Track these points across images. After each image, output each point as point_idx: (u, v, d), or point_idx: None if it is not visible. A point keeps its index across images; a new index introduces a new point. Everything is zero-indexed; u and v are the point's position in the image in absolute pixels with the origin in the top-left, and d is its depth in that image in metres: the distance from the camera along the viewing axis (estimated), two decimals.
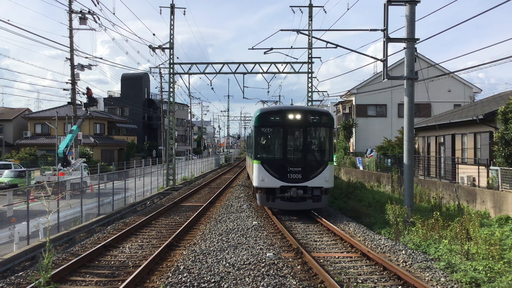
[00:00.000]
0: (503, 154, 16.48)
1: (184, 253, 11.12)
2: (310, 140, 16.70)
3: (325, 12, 31.94)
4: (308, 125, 16.37)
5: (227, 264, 9.74)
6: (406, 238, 12.77)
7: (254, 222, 14.97)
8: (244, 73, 30.54)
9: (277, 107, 20.35)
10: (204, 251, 11.04)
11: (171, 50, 31.30)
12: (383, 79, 15.70)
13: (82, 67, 28.37)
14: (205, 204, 20.08)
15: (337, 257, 10.83)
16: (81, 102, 30.27)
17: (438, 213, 13.66)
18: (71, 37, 28.17)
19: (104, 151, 53.05)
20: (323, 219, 15.28)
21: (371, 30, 16.54)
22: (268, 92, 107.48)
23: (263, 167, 16.01)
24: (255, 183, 16.48)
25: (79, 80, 28.76)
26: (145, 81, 72.92)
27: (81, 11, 27.38)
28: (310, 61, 30.66)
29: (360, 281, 8.79)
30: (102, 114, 53.24)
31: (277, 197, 15.87)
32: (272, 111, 17.26)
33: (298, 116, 16.29)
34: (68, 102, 30.89)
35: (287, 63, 30.20)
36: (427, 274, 9.17)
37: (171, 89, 32.40)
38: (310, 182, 15.85)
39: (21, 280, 9.19)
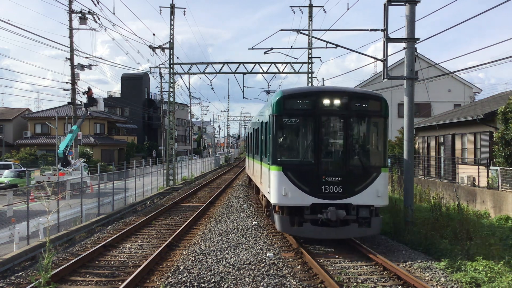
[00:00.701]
0: (503, 154, 16.50)
1: (184, 253, 11.12)
2: (356, 136, 11.98)
3: (325, 12, 31.96)
4: (352, 114, 11.59)
5: (227, 264, 9.74)
6: (406, 238, 12.76)
7: (254, 222, 14.96)
8: (244, 73, 30.56)
9: (307, 88, 13.79)
10: (204, 251, 11.05)
11: (171, 50, 31.32)
12: (383, 79, 15.69)
13: (82, 67, 28.39)
14: (205, 204, 20.09)
15: (337, 257, 10.83)
16: (81, 102, 30.29)
17: (439, 213, 13.66)
18: (71, 37, 28.19)
19: (104, 151, 53.07)
20: None
21: (371, 30, 16.53)
22: (268, 92, 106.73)
23: (286, 176, 11.21)
24: (273, 198, 11.52)
25: (79, 80, 28.78)
26: (145, 81, 72.99)
27: (81, 11, 27.41)
28: (310, 61, 30.66)
29: (360, 281, 8.79)
30: (102, 114, 53.27)
31: (306, 220, 11.14)
32: (300, 93, 12.34)
33: (338, 101, 11.54)
34: (68, 102, 30.91)
35: (287, 63, 30.23)
36: (427, 274, 9.17)
37: (171, 89, 32.43)
38: (355, 198, 11.18)
39: (21, 280, 9.20)
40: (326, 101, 11.55)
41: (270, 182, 11.79)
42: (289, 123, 11.73)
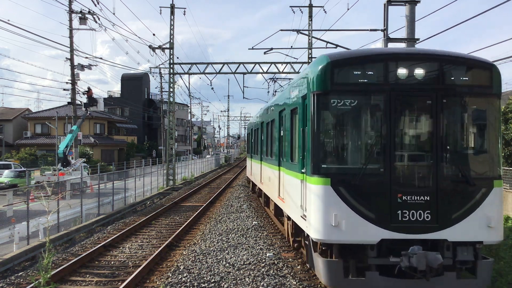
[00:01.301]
0: (503, 154, 16.52)
1: (184, 253, 11.12)
2: (453, 127, 7.42)
3: (325, 12, 31.93)
4: (447, 92, 7.15)
5: (227, 264, 9.74)
6: None
7: (254, 222, 14.96)
8: (244, 73, 30.55)
9: (368, 50, 8.64)
10: (204, 251, 11.05)
11: (171, 50, 31.33)
12: None
13: (82, 67, 28.40)
14: (205, 204, 20.09)
15: None
16: (81, 102, 30.30)
17: None
18: (71, 37, 28.19)
19: (104, 151, 53.09)
20: None
21: (371, 30, 16.58)
22: (268, 92, 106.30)
23: (338, 194, 6.91)
24: (314, 231, 7.14)
25: (79, 80, 28.79)
26: (145, 81, 73.03)
27: (81, 11, 27.42)
28: (310, 61, 30.63)
29: None
30: (102, 114, 53.28)
31: (370, 267, 6.90)
32: (359, 57, 7.45)
33: (422, 71, 7.08)
34: (68, 102, 30.92)
35: (287, 63, 30.24)
36: None
37: (171, 89, 32.44)
38: (452, 231, 6.91)
39: (21, 280, 9.21)
40: (402, 71, 7.06)
41: (309, 203, 7.37)
42: (341, 107, 7.13)
